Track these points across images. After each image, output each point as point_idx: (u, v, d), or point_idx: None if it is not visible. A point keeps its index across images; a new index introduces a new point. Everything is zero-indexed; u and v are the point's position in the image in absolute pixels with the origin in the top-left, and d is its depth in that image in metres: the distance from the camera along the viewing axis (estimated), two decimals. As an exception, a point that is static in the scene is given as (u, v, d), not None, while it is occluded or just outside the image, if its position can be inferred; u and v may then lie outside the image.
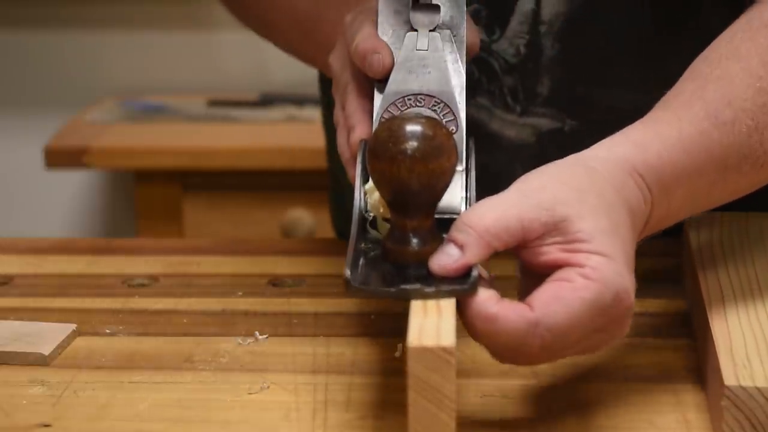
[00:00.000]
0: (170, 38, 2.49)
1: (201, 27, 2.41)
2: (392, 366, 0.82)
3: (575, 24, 0.97)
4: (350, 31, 0.88)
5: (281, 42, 1.10)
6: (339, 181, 1.18)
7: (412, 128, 0.71)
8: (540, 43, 0.98)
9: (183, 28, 2.48)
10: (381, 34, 0.86)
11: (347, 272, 0.71)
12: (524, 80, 0.99)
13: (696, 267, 0.88)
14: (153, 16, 2.48)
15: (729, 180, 0.80)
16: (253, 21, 1.12)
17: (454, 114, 0.82)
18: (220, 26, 2.44)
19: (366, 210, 0.79)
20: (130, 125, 2.25)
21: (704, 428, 0.74)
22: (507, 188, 0.73)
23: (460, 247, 0.70)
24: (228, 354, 0.84)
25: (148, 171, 2.17)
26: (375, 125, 0.83)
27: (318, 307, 0.92)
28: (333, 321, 0.90)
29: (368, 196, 0.79)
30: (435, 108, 0.82)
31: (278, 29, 1.08)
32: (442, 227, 0.74)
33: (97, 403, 0.78)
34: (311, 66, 1.09)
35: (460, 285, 0.70)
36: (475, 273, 0.70)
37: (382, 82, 0.84)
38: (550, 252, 0.71)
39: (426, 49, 0.85)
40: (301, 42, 1.06)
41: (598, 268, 0.70)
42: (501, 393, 0.78)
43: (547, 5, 0.97)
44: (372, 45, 0.84)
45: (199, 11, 2.46)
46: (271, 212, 2.18)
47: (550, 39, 0.98)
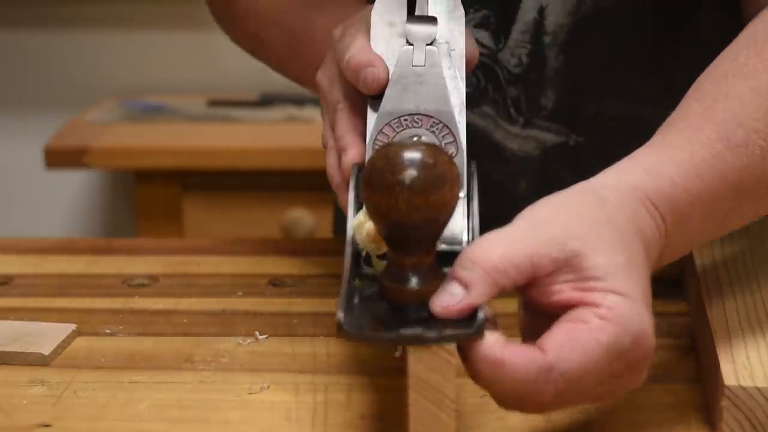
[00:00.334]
0: (170, 38, 2.49)
1: (201, 27, 2.41)
2: (392, 366, 0.81)
3: (579, 35, 0.95)
4: (341, 45, 0.83)
5: (273, 60, 1.06)
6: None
7: (411, 156, 0.64)
8: (544, 54, 0.96)
9: (183, 28, 2.48)
10: (374, 48, 0.80)
11: (339, 314, 0.65)
12: (527, 91, 0.97)
13: (696, 267, 0.88)
14: (153, 16, 2.48)
15: (744, 206, 0.76)
16: (247, 42, 1.07)
17: (454, 135, 0.76)
18: (220, 26, 2.44)
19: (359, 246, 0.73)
20: (130, 125, 2.25)
21: (704, 428, 0.74)
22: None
23: (465, 286, 0.65)
24: (228, 354, 0.84)
25: (148, 171, 2.17)
26: (368, 147, 0.77)
27: (318, 307, 0.91)
28: (333, 321, 0.89)
29: (356, 233, 0.72)
30: (433, 129, 0.76)
31: (270, 46, 1.04)
32: (443, 260, 0.68)
33: (97, 403, 0.78)
34: (300, 85, 1.04)
35: (465, 329, 0.64)
36: (482, 315, 0.64)
37: (376, 99, 0.78)
38: (562, 291, 0.66)
39: (423, 65, 0.78)
40: (291, 58, 1.01)
41: (616, 308, 0.65)
42: (501, 393, 0.78)
43: (551, 15, 0.95)
44: (366, 58, 0.79)
45: (199, 11, 2.44)
46: (271, 212, 2.18)
47: (555, 50, 0.96)
